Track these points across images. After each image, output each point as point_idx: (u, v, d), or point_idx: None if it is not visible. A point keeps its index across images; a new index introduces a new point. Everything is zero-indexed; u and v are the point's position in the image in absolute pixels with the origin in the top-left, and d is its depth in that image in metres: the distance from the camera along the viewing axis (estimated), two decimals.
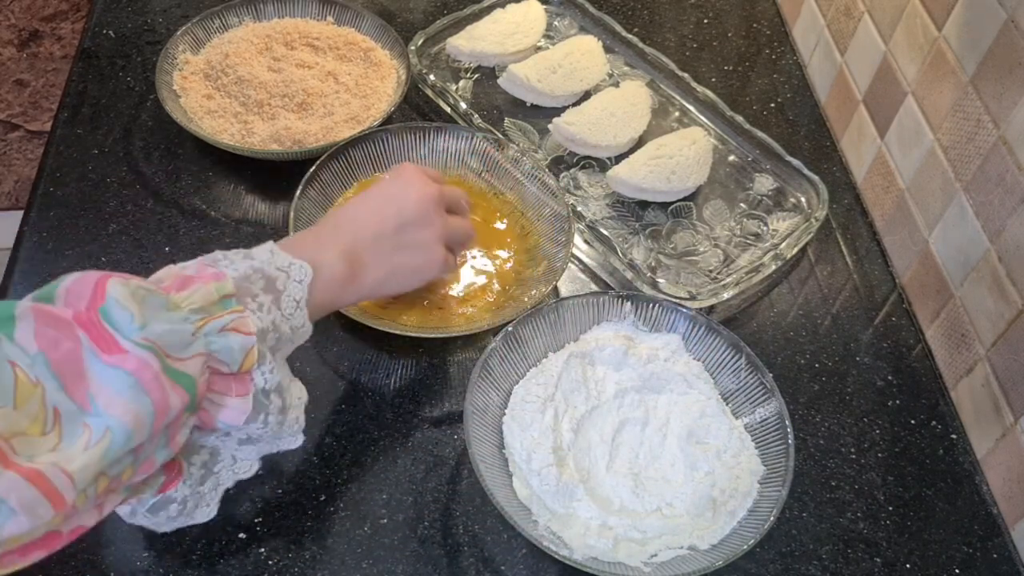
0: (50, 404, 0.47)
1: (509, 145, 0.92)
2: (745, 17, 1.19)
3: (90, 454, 0.47)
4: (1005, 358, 0.75)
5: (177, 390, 0.51)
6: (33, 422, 0.46)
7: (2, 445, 0.45)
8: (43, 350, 0.47)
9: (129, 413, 0.49)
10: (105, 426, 0.48)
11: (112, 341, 0.49)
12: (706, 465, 0.72)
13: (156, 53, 0.99)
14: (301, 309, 0.60)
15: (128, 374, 0.49)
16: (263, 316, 0.57)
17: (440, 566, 0.68)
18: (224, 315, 0.54)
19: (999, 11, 0.75)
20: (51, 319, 0.48)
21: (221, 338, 0.54)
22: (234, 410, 0.56)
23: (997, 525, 0.75)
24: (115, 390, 0.49)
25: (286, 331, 0.59)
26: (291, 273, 0.60)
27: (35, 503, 0.45)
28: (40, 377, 0.47)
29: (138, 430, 0.49)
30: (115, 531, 0.68)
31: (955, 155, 0.82)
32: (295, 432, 0.62)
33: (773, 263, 0.88)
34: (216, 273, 0.56)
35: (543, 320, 0.77)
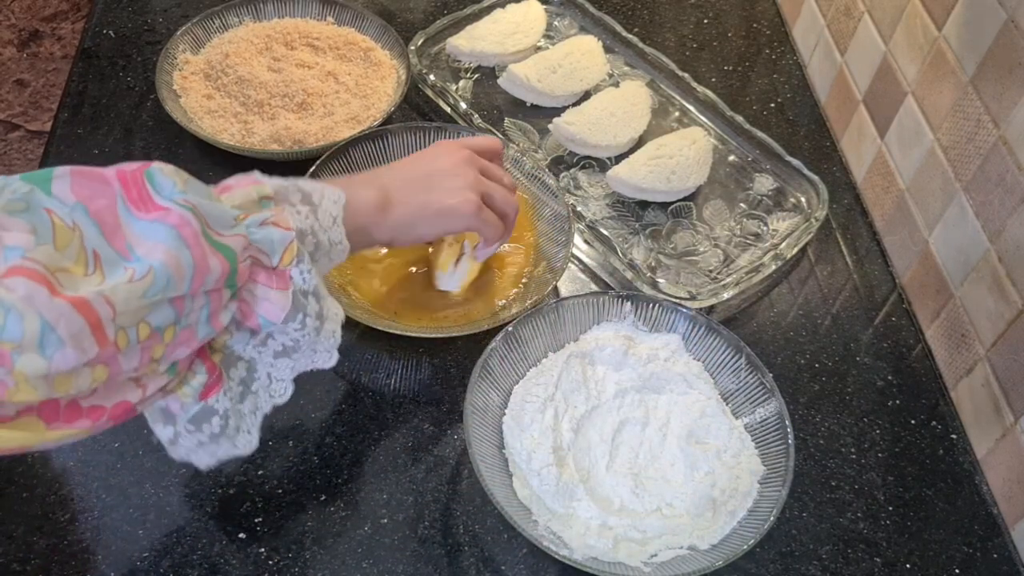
0: (90, 247, 0.48)
1: (509, 145, 0.92)
2: (745, 17, 1.19)
3: (133, 287, 0.48)
4: (1005, 358, 0.75)
5: (217, 256, 0.52)
6: (75, 263, 0.47)
7: (48, 276, 0.45)
8: (81, 200, 0.48)
9: (171, 258, 0.49)
10: (149, 266, 0.49)
11: (150, 200, 0.50)
12: (706, 465, 0.72)
13: (156, 53, 0.99)
14: (338, 225, 0.61)
15: (169, 227, 0.50)
16: (301, 220, 0.58)
17: (440, 566, 0.68)
18: (264, 212, 0.56)
19: (999, 11, 0.75)
20: (88, 176, 0.49)
21: (262, 230, 0.55)
22: (274, 304, 0.56)
23: (997, 525, 0.75)
24: (155, 240, 0.49)
25: (324, 241, 0.60)
26: (326, 193, 0.61)
27: (81, 334, 0.45)
28: (79, 222, 0.48)
29: (179, 278, 0.50)
30: (115, 531, 0.68)
31: (955, 155, 0.82)
32: (331, 347, 0.62)
33: (773, 263, 0.88)
34: (255, 180, 0.58)
35: (543, 320, 0.77)
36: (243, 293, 0.56)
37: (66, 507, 0.69)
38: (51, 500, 0.69)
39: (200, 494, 0.71)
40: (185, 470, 0.72)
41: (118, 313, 0.47)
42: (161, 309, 0.50)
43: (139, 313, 0.48)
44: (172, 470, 0.72)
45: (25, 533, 0.68)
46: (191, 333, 0.53)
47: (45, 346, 0.44)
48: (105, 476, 0.71)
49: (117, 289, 0.47)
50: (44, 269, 0.45)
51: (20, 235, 0.45)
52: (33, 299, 0.44)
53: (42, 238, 0.46)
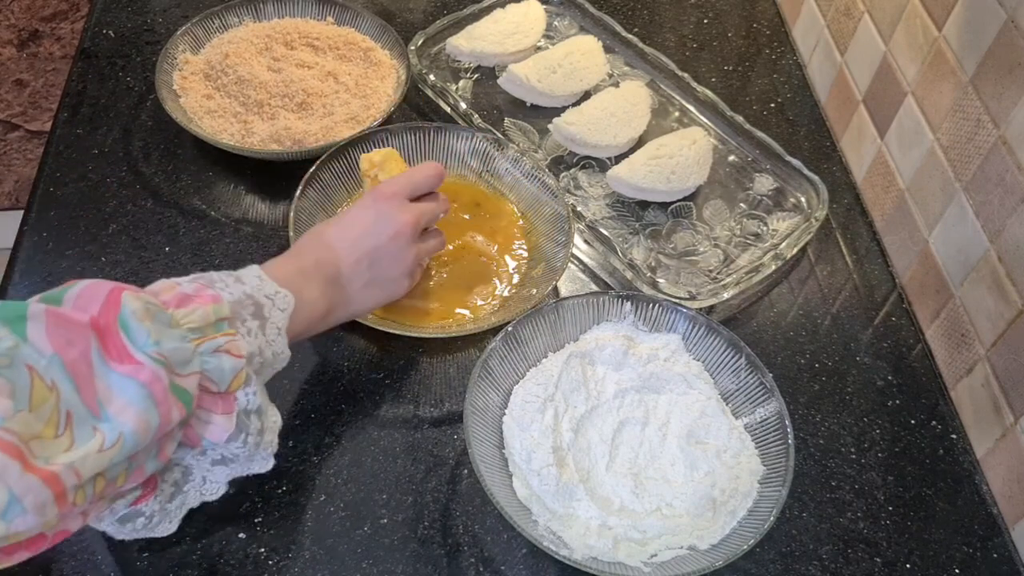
0: (64, 408, 0.49)
1: (509, 145, 0.92)
2: (745, 17, 1.19)
3: (101, 457, 0.49)
4: (1005, 358, 0.75)
5: (178, 405, 0.54)
6: (47, 425, 0.48)
7: (22, 448, 0.46)
8: (57, 351, 0.49)
9: (141, 422, 0.51)
10: (119, 432, 0.50)
11: (125, 351, 0.52)
12: (706, 465, 0.72)
13: (156, 53, 0.99)
14: (282, 336, 0.63)
15: (141, 385, 0.51)
16: (251, 341, 0.60)
17: (440, 566, 0.68)
18: (219, 336, 0.57)
19: (999, 11, 0.75)
20: (63, 320, 0.50)
21: (215, 358, 0.57)
22: (218, 427, 0.58)
23: (997, 525, 0.75)
24: (127, 399, 0.51)
25: (268, 356, 0.62)
26: (276, 301, 0.63)
27: (46, 504, 0.47)
28: (56, 380, 0.49)
29: (145, 438, 0.52)
30: None
31: (955, 155, 0.82)
32: (268, 455, 0.64)
33: (773, 263, 0.88)
34: (214, 295, 0.59)
35: (543, 320, 0.77)
36: (190, 419, 0.57)
37: None
38: None
39: None
40: None
41: (82, 482, 0.49)
42: (116, 466, 0.51)
43: (95, 477, 0.50)
44: None
45: None
46: (141, 472, 0.55)
47: (7, 514, 0.45)
48: None
49: (87, 459, 0.49)
50: (19, 441, 0.46)
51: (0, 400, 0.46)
52: (5, 474, 0.45)
53: (20, 402, 0.47)
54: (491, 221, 0.90)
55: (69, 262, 0.85)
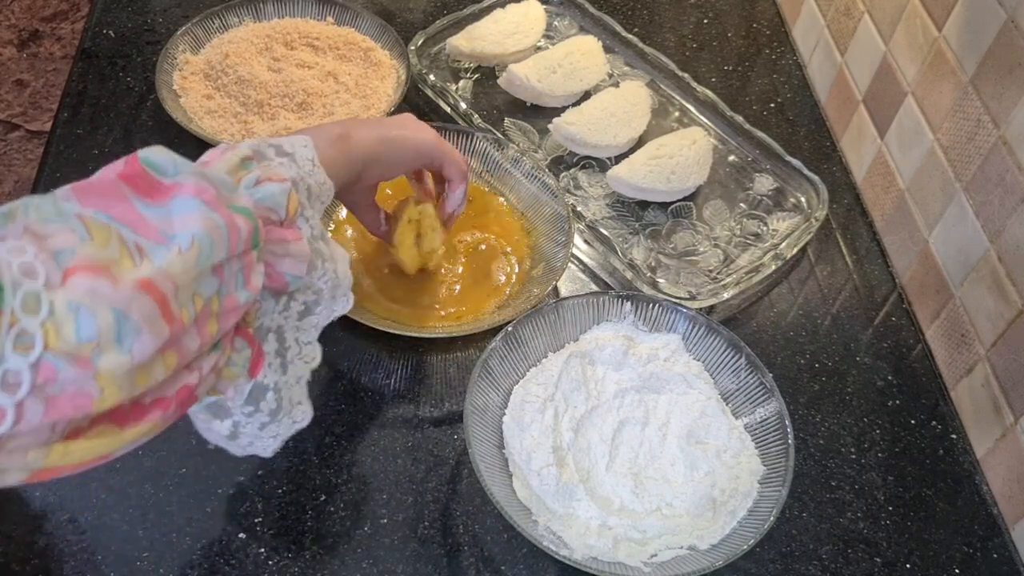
0: (131, 241, 0.47)
1: (509, 145, 0.92)
2: (745, 17, 1.19)
3: (186, 259, 0.47)
4: (1005, 358, 0.75)
5: (239, 217, 0.51)
6: (121, 253, 0.46)
7: (107, 266, 0.44)
8: (100, 209, 0.47)
9: (206, 221, 0.49)
10: (190, 237, 0.48)
11: (157, 185, 0.49)
12: (706, 465, 0.72)
13: (156, 53, 0.99)
14: (317, 167, 0.61)
15: (190, 198, 0.49)
16: (287, 170, 0.58)
17: (440, 566, 0.68)
18: (252, 172, 0.55)
19: (999, 11, 0.75)
20: (92, 189, 0.48)
21: (260, 188, 0.55)
22: (295, 258, 0.57)
23: (997, 525, 0.75)
24: (182, 211, 0.49)
25: (312, 185, 0.60)
26: (294, 141, 0.61)
27: (153, 316, 0.45)
28: (110, 224, 0.47)
29: (218, 240, 0.49)
30: (115, 531, 0.68)
31: (955, 155, 0.82)
32: (346, 289, 0.63)
33: (773, 263, 0.88)
34: (226, 147, 0.57)
35: (543, 320, 0.77)
36: (264, 255, 0.55)
37: (66, 507, 0.69)
38: (51, 500, 0.69)
39: (200, 494, 0.71)
40: (185, 470, 0.72)
41: (179, 288, 0.47)
42: (206, 279, 0.49)
43: (191, 286, 0.48)
44: (172, 470, 0.72)
45: (25, 533, 0.68)
46: (233, 300, 0.52)
47: (123, 338, 0.43)
48: (105, 476, 0.71)
49: (173, 264, 0.47)
50: (100, 263, 0.44)
51: (65, 236, 0.44)
52: (98, 292, 0.43)
53: (85, 239, 0.45)
54: (491, 221, 0.90)
55: None
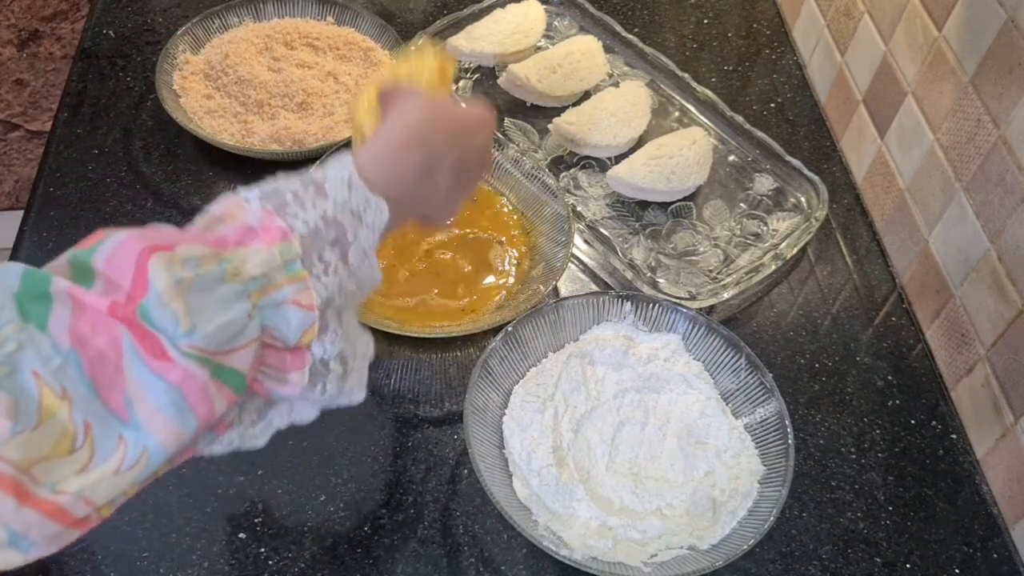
0: (79, 418, 0.43)
1: (509, 145, 0.92)
2: (745, 17, 1.19)
3: (120, 480, 0.44)
4: (1005, 358, 0.75)
5: (224, 392, 0.47)
6: (59, 440, 0.42)
7: (21, 478, 0.41)
8: (76, 347, 0.43)
9: (171, 433, 0.45)
10: (143, 447, 0.44)
11: (158, 345, 0.44)
12: (706, 465, 0.72)
13: (156, 53, 0.99)
14: (370, 258, 0.54)
15: (172, 387, 0.44)
16: (328, 281, 0.51)
17: (440, 566, 0.68)
18: (285, 284, 0.49)
19: (999, 11, 0.75)
20: (88, 309, 0.44)
21: (279, 313, 0.49)
22: (290, 384, 0.51)
23: (997, 525, 0.75)
24: (156, 404, 0.44)
25: (352, 288, 0.53)
26: (365, 218, 0.53)
27: (58, 534, 0.43)
28: (69, 385, 0.43)
29: (177, 449, 0.46)
30: (115, 531, 0.68)
31: (955, 155, 0.82)
32: (358, 390, 0.56)
33: (773, 263, 0.88)
34: (283, 230, 0.50)
35: (543, 320, 0.77)
36: (252, 382, 0.51)
37: None
38: None
39: (200, 494, 0.71)
40: (185, 470, 0.72)
41: (101, 508, 0.44)
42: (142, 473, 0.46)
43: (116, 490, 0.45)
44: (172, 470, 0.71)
45: None
46: (190, 452, 0.50)
47: (18, 546, 0.41)
48: None
49: (100, 484, 0.43)
50: (17, 471, 0.41)
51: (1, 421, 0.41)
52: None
53: (24, 419, 0.41)
54: (491, 221, 0.90)
55: None
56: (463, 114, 0.64)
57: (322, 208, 0.52)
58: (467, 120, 0.64)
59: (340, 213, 0.52)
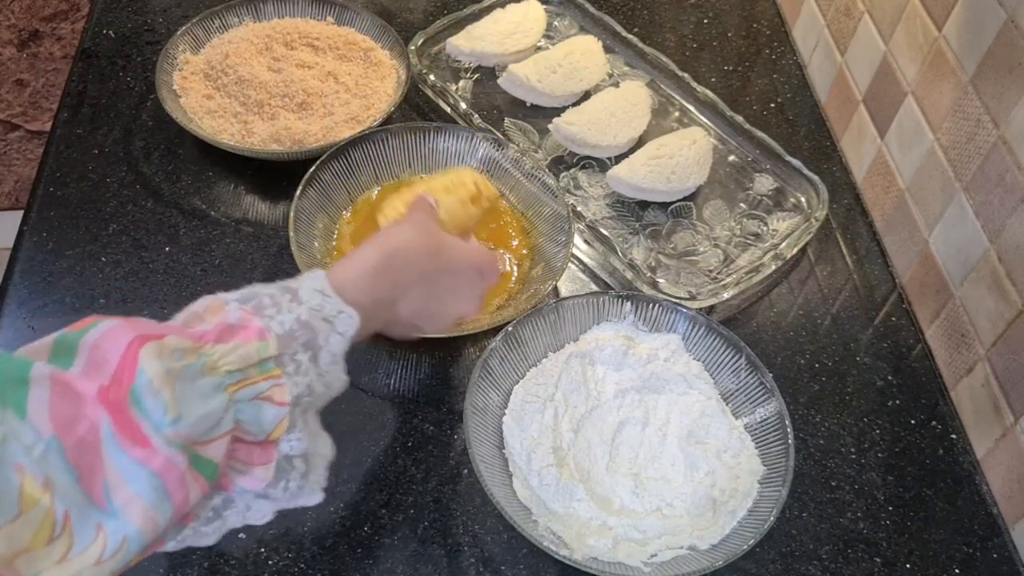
0: (60, 508, 0.43)
1: (509, 145, 0.92)
2: (745, 17, 1.19)
3: (101, 569, 0.44)
4: (1005, 358, 0.75)
5: (199, 481, 0.48)
6: (39, 530, 0.43)
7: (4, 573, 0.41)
8: (58, 434, 0.43)
9: (148, 520, 0.46)
10: (123, 535, 0.45)
11: (139, 432, 0.46)
12: (706, 465, 0.72)
13: (156, 53, 0.99)
14: (338, 364, 0.56)
15: (153, 474, 0.46)
16: (299, 380, 0.54)
17: (440, 566, 0.68)
18: (260, 380, 0.51)
19: (999, 11, 0.75)
20: (69, 392, 0.45)
21: (253, 407, 0.51)
22: (255, 478, 0.53)
23: (997, 525, 0.75)
24: (135, 490, 0.45)
25: (320, 390, 0.56)
26: (336, 324, 0.56)
27: None
28: (53, 473, 0.43)
29: (152, 537, 0.46)
30: None
31: (955, 155, 0.82)
32: (315, 490, 0.58)
33: (773, 263, 0.88)
34: (260, 329, 0.52)
35: (543, 320, 0.77)
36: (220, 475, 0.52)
37: None
38: None
39: None
40: None
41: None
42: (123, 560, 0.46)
43: None
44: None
45: None
46: (160, 543, 0.50)
47: None
48: None
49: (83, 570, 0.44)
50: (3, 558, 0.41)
51: None
52: None
53: (5, 512, 0.42)
54: (491, 221, 0.90)
55: (69, 262, 0.85)
56: (455, 255, 0.66)
57: (296, 312, 0.54)
58: (458, 261, 0.66)
59: (313, 318, 0.55)
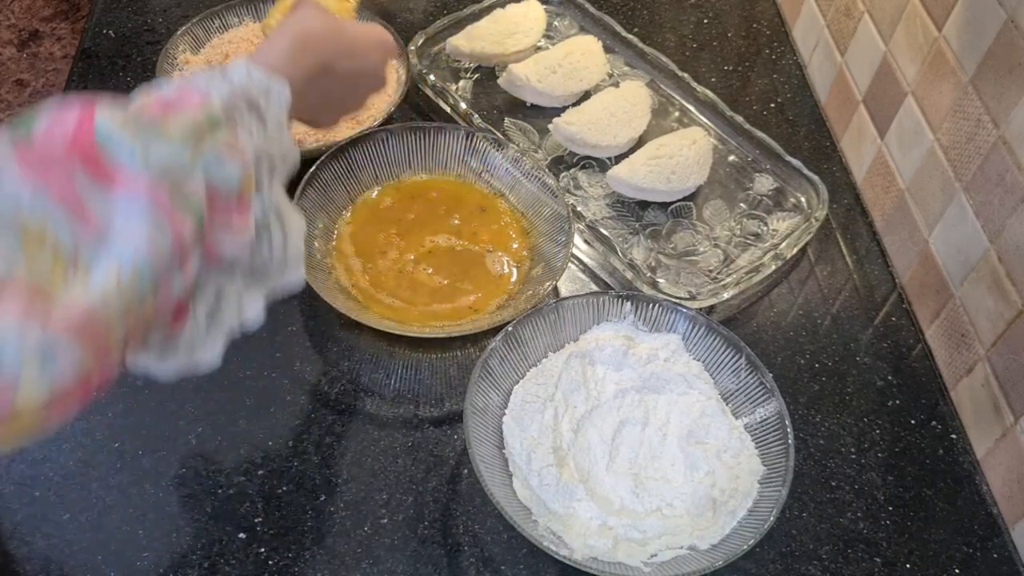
0: (66, 248, 0.45)
1: (509, 145, 0.92)
2: (745, 17, 1.19)
3: (124, 294, 0.46)
4: (1005, 358, 0.75)
5: (187, 216, 0.50)
6: (52, 270, 0.45)
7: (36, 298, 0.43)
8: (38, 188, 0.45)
9: (152, 244, 0.47)
10: (132, 264, 0.47)
11: (113, 170, 0.47)
12: (706, 465, 0.72)
13: (156, 53, 0.99)
14: (285, 132, 0.58)
15: (143, 203, 0.47)
16: (253, 140, 0.56)
17: (440, 566, 0.68)
18: (213, 137, 0.53)
19: (999, 11, 0.75)
20: (34, 157, 0.46)
21: (217, 164, 0.52)
22: (237, 239, 0.55)
23: (997, 525, 0.75)
24: (132, 220, 0.47)
25: (276, 155, 0.58)
26: (270, 94, 0.58)
27: (81, 357, 0.44)
28: (46, 222, 0.45)
29: (160, 261, 0.48)
30: (115, 531, 0.68)
31: (955, 155, 0.82)
32: (297, 264, 0.60)
33: (773, 263, 0.88)
34: (201, 95, 0.53)
35: (543, 320, 0.77)
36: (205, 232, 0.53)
37: (66, 507, 0.69)
38: (51, 500, 0.69)
39: (200, 494, 0.71)
40: (185, 470, 0.72)
41: (111, 321, 0.46)
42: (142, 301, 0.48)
43: (124, 315, 0.47)
44: (172, 470, 0.72)
45: (25, 533, 0.68)
46: (168, 292, 0.51)
47: (44, 375, 0.43)
48: (105, 476, 0.71)
49: (108, 301, 0.46)
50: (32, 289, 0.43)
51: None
52: (26, 331, 0.42)
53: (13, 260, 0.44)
54: (491, 221, 0.90)
55: None
56: (358, 31, 0.70)
57: (229, 85, 0.56)
58: (361, 37, 0.70)
59: (247, 89, 0.57)
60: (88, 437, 0.73)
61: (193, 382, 0.77)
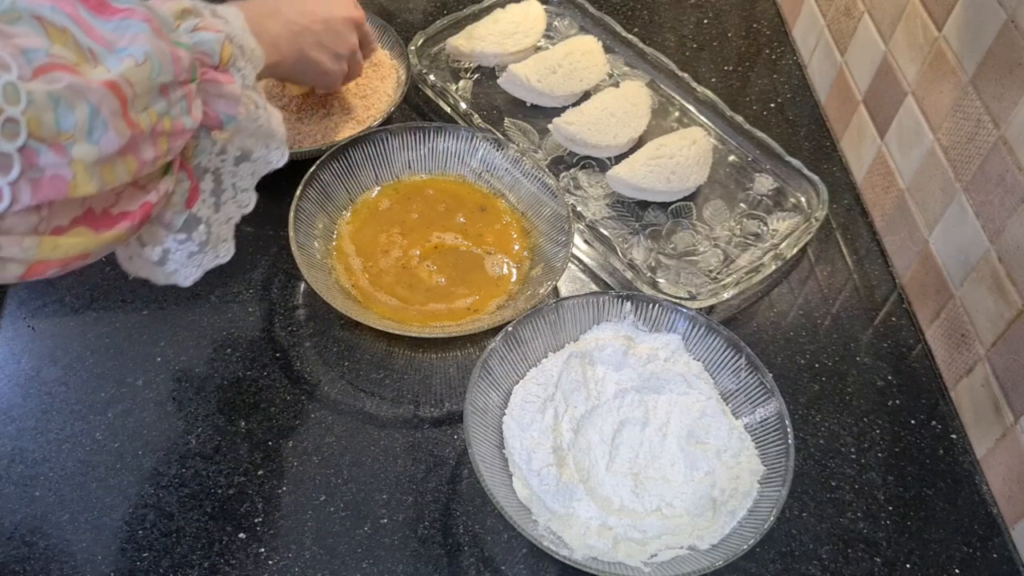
0: (84, 44, 0.50)
1: (509, 145, 0.92)
2: (745, 17, 1.19)
3: (141, 70, 0.52)
4: (1005, 358, 0.75)
5: (180, 49, 0.56)
6: (79, 59, 0.50)
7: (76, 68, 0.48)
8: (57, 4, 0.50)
9: (154, 44, 0.53)
10: (143, 52, 0.52)
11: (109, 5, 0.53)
12: (706, 465, 0.72)
13: None
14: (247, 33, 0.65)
15: (140, 22, 0.53)
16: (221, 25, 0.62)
17: (440, 566, 0.68)
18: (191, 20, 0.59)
19: (999, 11, 0.75)
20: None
21: (197, 35, 0.59)
22: (228, 99, 0.61)
23: (997, 525, 0.75)
24: (134, 32, 0.52)
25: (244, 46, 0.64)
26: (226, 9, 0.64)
27: (118, 115, 0.50)
28: (65, 23, 0.50)
29: (165, 64, 0.53)
30: (115, 531, 0.68)
31: (955, 155, 0.82)
32: (280, 141, 0.68)
33: (773, 263, 0.88)
34: None
35: (543, 320, 0.77)
36: (200, 92, 0.59)
37: (66, 507, 0.69)
38: (51, 500, 0.69)
39: (200, 494, 0.71)
40: (185, 470, 0.72)
41: (136, 95, 0.51)
42: (156, 96, 0.53)
43: (145, 98, 0.52)
44: (172, 470, 0.72)
45: (25, 533, 0.68)
46: (180, 124, 0.56)
47: (93, 131, 0.48)
48: (105, 476, 0.71)
49: (130, 71, 0.51)
50: (70, 63, 0.48)
51: (32, 39, 0.48)
52: (76, 87, 0.47)
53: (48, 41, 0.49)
54: (491, 221, 0.90)
55: None
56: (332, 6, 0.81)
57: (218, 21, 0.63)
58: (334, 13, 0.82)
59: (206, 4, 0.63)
60: (88, 437, 0.73)
61: (194, 383, 0.77)
